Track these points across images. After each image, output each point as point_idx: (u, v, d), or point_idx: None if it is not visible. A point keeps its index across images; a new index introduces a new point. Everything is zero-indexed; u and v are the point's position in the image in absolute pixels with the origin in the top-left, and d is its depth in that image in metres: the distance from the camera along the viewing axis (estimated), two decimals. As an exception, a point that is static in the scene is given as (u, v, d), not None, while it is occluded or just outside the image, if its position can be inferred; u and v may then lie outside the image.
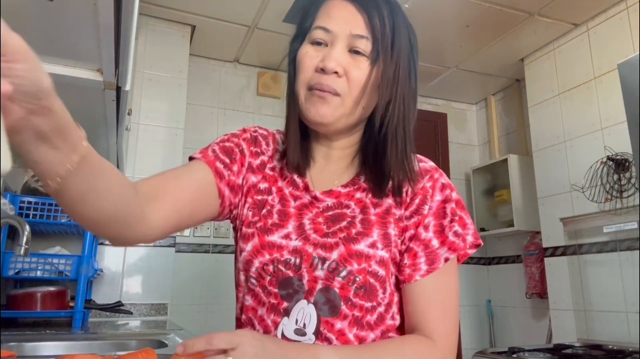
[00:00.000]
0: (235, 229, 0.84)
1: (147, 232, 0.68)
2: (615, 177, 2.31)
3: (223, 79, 3.08)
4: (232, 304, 0.89)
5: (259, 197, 0.80)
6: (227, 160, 0.78)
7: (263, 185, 0.81)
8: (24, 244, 1.35)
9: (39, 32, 1.04)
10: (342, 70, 0.71)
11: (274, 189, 0.80)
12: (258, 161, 0.82)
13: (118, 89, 1.31)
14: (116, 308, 2.15)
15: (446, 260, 0.74)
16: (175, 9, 2.55)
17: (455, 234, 0.75)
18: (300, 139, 0.79)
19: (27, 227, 1.36)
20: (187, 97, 2.69)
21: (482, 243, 0.82)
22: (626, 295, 2.27)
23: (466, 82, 3.38)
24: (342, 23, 0.72)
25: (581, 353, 2.10)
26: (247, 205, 0.80)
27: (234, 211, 0.82)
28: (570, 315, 2.53)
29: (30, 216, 1.86)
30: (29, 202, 1.87)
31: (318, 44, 0.74)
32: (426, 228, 0.75)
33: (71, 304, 1.89)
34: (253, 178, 0.81)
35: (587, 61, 2.57)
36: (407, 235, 0.76)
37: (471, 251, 0.79)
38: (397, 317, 0.77)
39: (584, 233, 2.50)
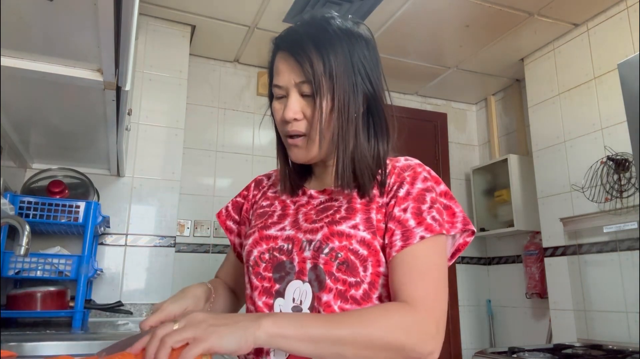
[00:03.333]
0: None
1: None
2: (615, 177, 2.31)
3: (223, 79, 3.08)
4: (233, 304, 0.95)
5: (261, 211, 0.93)
6: (236, 216, 1.01)
7: (265, 203, 0.95)
8: (24, 244, 1.34)
9: (39, 32, 1.05)
10: (300, 115, 0.82)
11: (276, 202, 0.93)
12: (259, 195, 0.99)
13: (118, 89, 1.31)
14: (116, 308, 2.15)
15: (422, 238, 0.77)
16: (175, 9, 2.55)
17: (433, 218, 0.79)
18: (288, 172, 0.92)
19: (27, 227, 1.36)
20: (187, 97, 2.69)
21: (474, 229, 0.85)
22: (626, 295, 2.27)
23: (466, 82, 3.38)
24: (287, 75, 0.82)
25: (581, 353, 2.10)
26: (251, 219, 0.95)
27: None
28: (570, 315, 2.53)
29: (30, 216, 1.86)
30: (29, 202, 1.87)
31: (280, 98, 0.85)
32: (404, 210, 0.80)
33: (71, 304, 1.89)
34: (255, 206, 0.97)
35: (587, 61, 2.57)
36: (387, 217, 0.82)
37: (469, 239, 0.85)
38: (387, 301, 0.80)
39: (584, 233, 2.50)
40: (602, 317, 2.38)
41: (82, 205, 1.95)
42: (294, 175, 0.92)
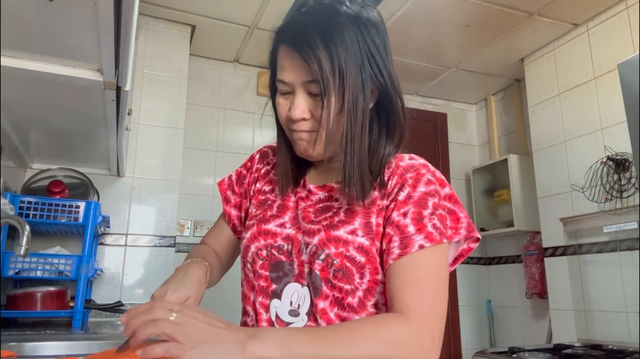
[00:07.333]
0: None
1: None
2: (615, 177, 2.31)
3: (223, 79, 3.08)
4: (232, 304, 0.93)
5: (262, 197, 0.91)
6: (236, 187, 0.97)
7: (267, 187, 0.92)
8: (24, 244, 1.34)
9: (39, 32, 1.04)
10: (307, 114, 0.78)
11: (277, 188, 0.89)
12: (263, 170, 0.95)
13: (118, 89, 1.31)
14: (116, 308, 2.15)
15: (421, 247, 0.73)
16: (175, 9, 2.55)
17: (434, 226, 0.75)
18: (290, 165, 0.87)
19: (27, 227, 1.36)
20: (187, 97, 2.69)
21: (479, 237, 0.82)
22: (626, 295, 2.27)
23: (466, 82, 3.38)
24: (293, 73, 0.76)
25: (581, 353, 2.10)
26: (251, 206, 0.91)
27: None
28: (570, 315, 2.53)
29: (30, 216, 1.86)
30: (29, 202, 1.87)
31: (285, 93, 0.80)
32: (404, 215, 0.76)
33: (71, 304, 1.89)
34: (259, 185, 0.93)
35: (587, 61, 2.57)
36: (386, 222, 0.78)
37: (473, 246, 0.82)
38: (384, 309, 0.78)
39: (584, 233, 2.50)
40: (602, 317, 2.38)
41: (82, 205, 1.95)
42: (294, 168, 0.87)
